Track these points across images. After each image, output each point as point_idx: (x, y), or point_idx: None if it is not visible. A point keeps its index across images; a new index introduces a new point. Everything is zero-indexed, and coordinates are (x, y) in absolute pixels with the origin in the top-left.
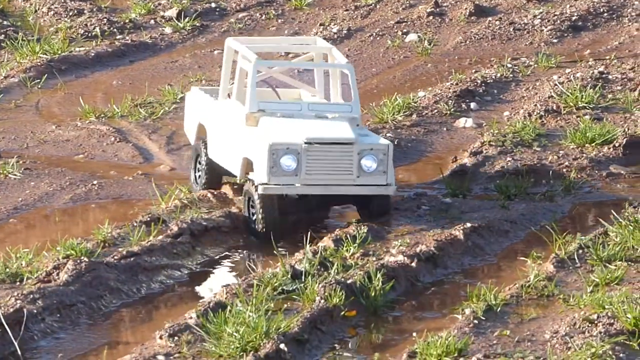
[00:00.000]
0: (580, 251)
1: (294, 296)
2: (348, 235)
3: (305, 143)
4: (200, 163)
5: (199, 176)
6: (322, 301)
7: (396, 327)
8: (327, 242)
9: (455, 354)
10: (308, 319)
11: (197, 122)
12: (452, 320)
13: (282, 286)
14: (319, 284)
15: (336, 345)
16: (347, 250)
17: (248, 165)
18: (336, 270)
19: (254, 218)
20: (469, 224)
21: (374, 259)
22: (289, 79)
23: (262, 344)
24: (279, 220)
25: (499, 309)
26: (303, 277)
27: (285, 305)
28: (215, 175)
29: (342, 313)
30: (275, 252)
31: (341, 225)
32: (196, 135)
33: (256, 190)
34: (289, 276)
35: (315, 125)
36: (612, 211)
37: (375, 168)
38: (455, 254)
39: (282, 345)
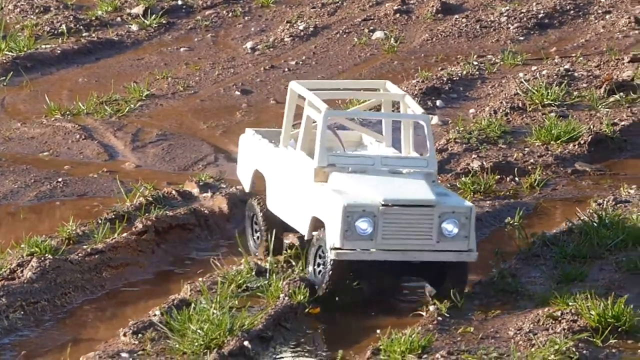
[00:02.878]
0: (545, 248)
1: (258, 293)
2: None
3: (383, 205)
4: (257, 223)
5: (258, 237)
6: (286, 298)
7: (361, 324)
8: (292, 239)
9: (419, 351)
10: (272, 316)
11: (253, 169)
12: (416, 318)
13: (246, 283)
14: (283, 281)
15: (300, 342)
16: None
17: (317, 225)
18: (301, 268)
19: (318, 274)
20: None
21: None
22: (353, 123)
23: (226, 341)
24: (346, 285)
25: (463, 306)
26: (267, 275)
27: (250, 303)
28: (276, 233)
29: (307, 310)
30: (240, 249)
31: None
32: (251, 182)
33: (329, 253)
34: (253, 273)
35: (392, 184)
36: (577, 208)
37: (457, 233)
38: None
39: (246, 343)
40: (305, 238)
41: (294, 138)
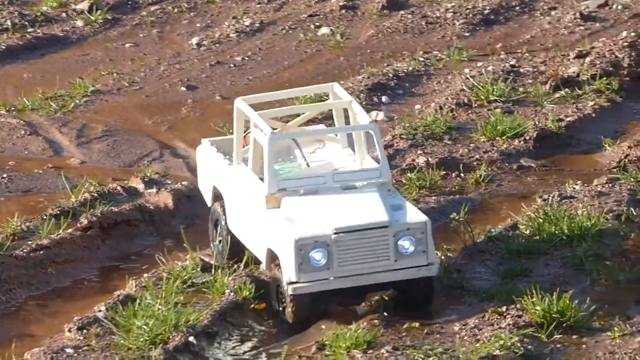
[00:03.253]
0: (490, 243)
1: (204, 289)
2: None
3: (335, 233)
4: (219, 232)
5: (220, 241)
6: (232, 294)
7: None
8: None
9: (364, 347)
10: (217, 311)
11: (211, 185)
12: (362, 313)
13: (191, 279)
14: (229, 276)
15: (246, 337)
16: None
17: (274, 257)
18: (246, 263)
19: (282, 307)
20: None
21: None
22: (306, 128)
23: (171, 336)
24: (310, 313)
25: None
26: (213, 270)
27: (195, 299)
28: (239, 243)
29: (252, 306)
30: (185, 245)
31: None
32: (212, 197)
33: (286, 288)
34: (199, 269)
35: (344, 205)
36: (522, 204)
37: (414, 249)
38: None
39: (191, 338)
40: (264, 269)
41: (246, 155)
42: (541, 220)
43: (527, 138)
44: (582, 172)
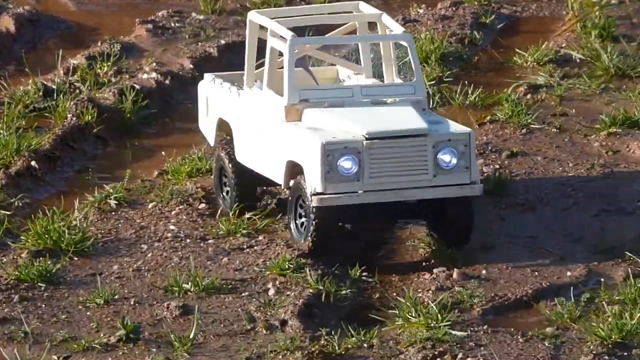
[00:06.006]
0: None
1: (46, 114)
2: (102, 52)
3: (367, 139)
4: (226, 175)
5: (228, 191)
6: (74, 119)
7: (150, 145)
8: (79, 59)
9: (207, 170)
10: (59, 136)
11: (216, 118)
12: (205, 138)
13: (33, 104)
14: (71, 101)
15: (87, 163)
16: (100, 68)
17: (295, 170)
18: (89, 88)
19: (302, 228)
20: (223, 41)
21: (128, 76)
22: (326, 54)
23: (13, 161)
24: (332, 233)
25: None
26: (55, 95)
27: (37, 123)
28: (249, 185)
29: (95, 130)
30: (27, 69)
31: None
32: (216, 134)
33: (310, 200)
34: (41, 94)
35: (375, 114)
36: None
37: (455, 163)
38: (210, 71)
39: (33, 162)
40: (283, 187)
41: (259, 78)
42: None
43: None
44: None
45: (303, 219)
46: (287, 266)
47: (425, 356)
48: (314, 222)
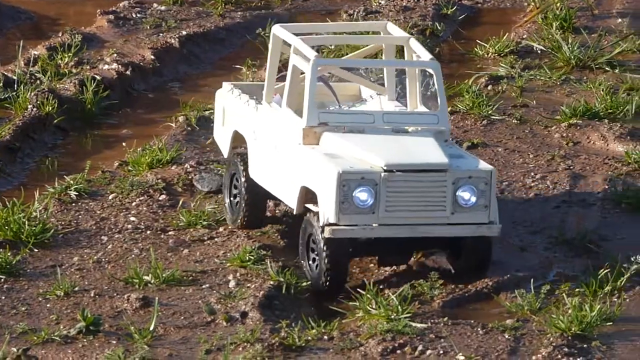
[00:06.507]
0: None
1: (6, 104)
2: (63, 43)
3: (385, 171)
4: (236, 187)
5: (237, 202)
6: (35, 109)
7: (111, 135)
8: (40, 50)
9: (168, 161)
10: (20, 127)
11: (232, 130)
12: (166, 129)
13: None
14: (32, 92)
15: (47, 153)
16: (61, 58)
17: (307, 197)
18: (49, 79)
19: (313, 263)
20: (184, 32)
21: (89, 67)
22: (349, 73)
23: None
24: (346, 266)
25: (213, 116)
26: (15, 86)
27: None
28: (259, 202)
29: (55, 122)
30: None
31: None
32: (231, 146)
33: (322, 231)
34: (1, 84)
35: (395, 144)
36: (328, 19)
37: (475, 202)
38: (171, 62)
39: None
40: (295, 212)
41: (279, 93)
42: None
43: None
44: None
45: (314, 255)
46: (247, 258)
47: (386, 348)
48: (326, 255)
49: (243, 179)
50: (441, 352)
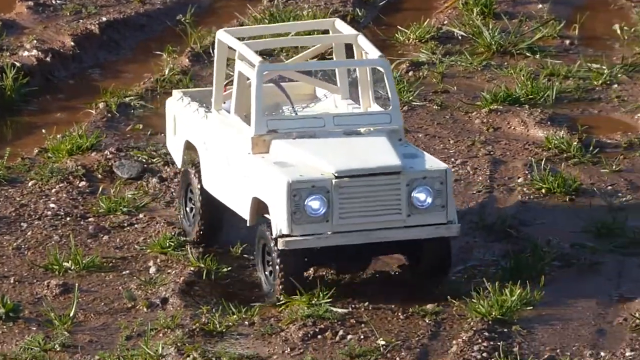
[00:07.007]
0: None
1: None
2: None
3: (336, 177)
4: (192, 199)
5: (193, 214)
6: None
7: (30, 122)
8: None
9: (88, 147)
10: None
11: (183, 140)
12: (86, 115)
13: None
14: None
15: None
16: None
17: (260, 208)
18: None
19: (268, 273)
20: (104, 18)
21: (8, 54)
22: (299, 74)
23: None
24: (301, 276)
25: (133, 102)
26: None
27: None
28: (215, 212)
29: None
30: None
31: None
32: (183, 156)
33: (275, 243)
34: None
35: (346, 148)
36: (249, 5)
37: (431, 202)
38: (91, 48)
39: None
40: (248, 224)
41: (227, 99)
42: (267, 21)
43: None
44: None
45: (270, 268)
46: (167, 244)
47: (306, 333)
48: (280, 267)
49: (198, 191)
50: (362, 337)
